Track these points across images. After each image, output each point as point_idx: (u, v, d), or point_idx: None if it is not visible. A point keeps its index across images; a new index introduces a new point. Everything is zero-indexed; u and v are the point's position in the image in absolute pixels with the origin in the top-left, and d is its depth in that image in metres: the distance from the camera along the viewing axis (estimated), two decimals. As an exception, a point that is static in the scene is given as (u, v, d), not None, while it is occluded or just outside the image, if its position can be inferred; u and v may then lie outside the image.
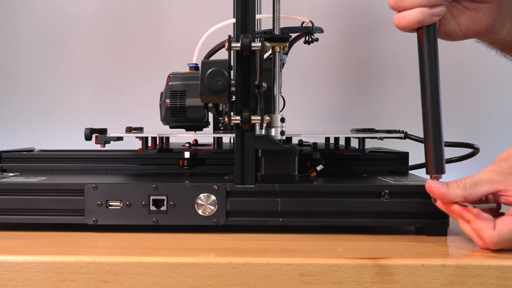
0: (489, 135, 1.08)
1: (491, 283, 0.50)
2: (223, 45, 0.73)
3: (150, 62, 1.10)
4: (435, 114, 0.57)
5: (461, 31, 0.61)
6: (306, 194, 0.61)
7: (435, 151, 0.57)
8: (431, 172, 0.57)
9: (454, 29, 0.61)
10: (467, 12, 0.60)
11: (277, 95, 0.65)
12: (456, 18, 0.60)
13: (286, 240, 0.59)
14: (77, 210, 0.61)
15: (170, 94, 0.69)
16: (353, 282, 0.51)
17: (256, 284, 0.51)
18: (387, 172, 0.73)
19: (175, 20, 1.10)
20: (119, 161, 0.76)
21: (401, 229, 0.64)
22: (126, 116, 1.09)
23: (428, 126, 0.57)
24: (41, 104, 1.10)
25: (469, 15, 0.60)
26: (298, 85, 1.08)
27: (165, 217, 0.61)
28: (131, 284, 0.51)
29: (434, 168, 0.57)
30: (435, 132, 0.57)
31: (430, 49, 0.57)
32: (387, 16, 0.65)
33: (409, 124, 0.78)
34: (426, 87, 0.57)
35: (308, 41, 0.75)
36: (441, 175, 0.57)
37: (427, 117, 0.57)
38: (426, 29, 0.57)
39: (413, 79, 1.04)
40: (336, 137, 0.85)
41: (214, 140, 0.78)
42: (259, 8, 0.83)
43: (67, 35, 1.10)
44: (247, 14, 0.60)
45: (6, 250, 0.55)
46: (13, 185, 0.62)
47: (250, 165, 0.61)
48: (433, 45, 0.57)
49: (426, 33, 0.57)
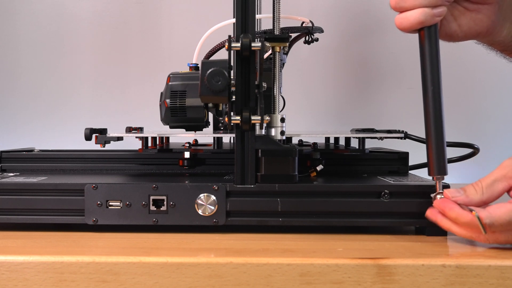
0: (489, 135, 1.08)
1: (491, 283, 0.50)
2: (223, 45, 0.73)
3: (150, 62, 1.10)
4: (437, 115, 0.56)
5: (461, 31, 0.61)
6: (306, 194, 0.61)
7: (437, 152, 0.57)
8: (433, 173, 0.57)
9: (455, 30, 0.61)
10: (467, 13, 0.60)
11: (277, 95, 0.65)
12: (457, 19, 0.60)
13: (286, 240, 0.59)
14: (77, 210, 0.61)
15: (170, 94, 0.69)
16: (353, 282, 0.51)
17: (256, 284, 0.51)
18: (387, 172, 0.73)
19: (175, 20, 1.10)
20: (119, 161, 0.76)
21: (401, 229, 0.64)
22: (126, 116, 1.09)
23: (430, 127, 0.57)
24: (41, 104, 1.10)
25: (469, 16, 0.60)
26: (298, 85, 1.08)
27: (165, 217, 0.61)
28: (131, 284, 0.51)
29: (436, 169, 0.57)
30: (437, 133, 0.57)
31: (431, 50, 0.57)
32: (387, 16, 0.65)
33: (409, 124, 0.78)
34: (428, 87, 0.57)
35: (308, 41, 0.75)
36: (443, 176, 0.57)
37: (429, 118, 0.57)
38: (428, 29, 0.57)
39: (413, 79, 1.04)
40: (336, 137, 0.85)
41: (214, 140, 0.78)
42: (259, 8, 0.83)
43: (67, 35, 1.10)
44: (247, 14, 0.60)
45: (6, 250, 0.55)
46: (13, 185, 0.62)
47: (250, 165, 0.61)
48: (434, 45, 0.57)
49: (427, 34, 0.57)
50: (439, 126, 0.56)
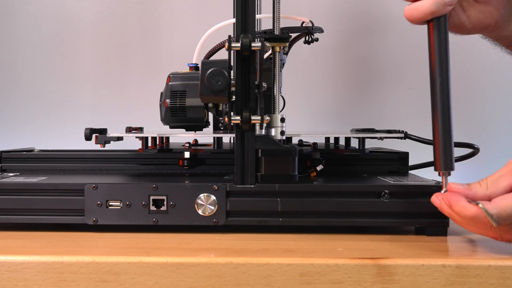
0: (489, 135, 1.08)
1: (491, 283, 0.50)
2: (223, 45, 0.73)
3: (150, 62, 1.10)
4: (444, 108, 0.55)
5: (470, 23, 0.60)
6: (306, 194, 0.61)
7: (444, 147, 0.55)
8: (439, 168, 0.55)
9: (464, 21, 0.60)
10: (476, 5, 0.60)
11: (277, 95, 0.65)
12: (465, 10, 0.60)
13: (286, 240, 0.59)
14: (77, 210, 0.61)
15: (170, 94, 0.69)
16: (353, 282, 0.51)
17: (256, 284, 0.51)
18: (387, 172, 0.73)
19: (175, 20, 1.10)
20: (119, 161, 0.76)
21: (401, 229, 0.64)
22: (126, 116, 1.09)
23: (437, 120, 0.55)
24: (41, 104, 1.10)
25: (478, 8, 0.60)
26: (298, 85, 1.08)
27: (165, 217, 0.61)
28: (131, 284, 0.51)
29: (443, 164, 0.55)
30: (445, 127, 0.55)
31: (440, 41, 0.55)
32: (387, 16, 0.65)
33: (409, 124, 0.78)
34: (435, 80, 0.55)
35: (308, 41, 0.75)
36: (450, 172, 0.55)
37: (436, 111, 0.55)
38: (437, 20, 0.55)
39: (413, 79, 1.04)
40: (336, 137, 0.85)
41: (214, 140, 0.78)
42: (259, 8, 0.83)
43: (67, 35, 1.10)
44: (247, 14, 0.60)
45: (6, 250, 0.55)
46: (13, 185, 0.62)
47: (250, 165, 0.61)
48: (443, 37, 0.56)
49: (437, 25, 0.56)
50: (446, 119, 0.55)
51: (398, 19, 0.98)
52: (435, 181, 0.62)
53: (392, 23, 0.56)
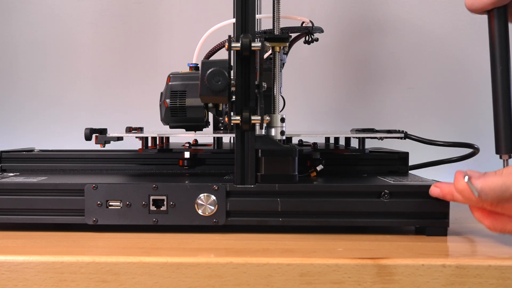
0: (489, 135, 1.08)
1: (491, 283, 0.50)
2: (223, 45, 0.73)
3: (150, 62, 1.10)
4: (505, 94, 0.57)
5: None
6: (306, 194, 0.61)
7: (506, 130, 0.57)
8: (501, 151, 0.58)
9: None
10: None
11: (277, 95, 0.65)
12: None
13: (286, 240, 0.59)
14: (77, 210, 0.61)
15: (170, 94, 0.69)
16: (353, 282, 0.51)
17: (256, 284, 0.51)
18: (387, 172, 0.73)
19: (175, 20, 1.10)
20: (119, 161, 0.76)
21: (401, 229, 0.64)
22: (126, 116, 1.09)
23: (498, 106, 0.58)
24: (41, 104, 1.10)
25: None
26: (298, 85, 1.08)
27: (165, 217, 0.61)
28: (131, 284, 0.51)
29: (504, 147, 0.58)
30: (505, 112, 0.57)
31: (500, 31, 0.57)
32: (387, 16, 0.65)
33: (409, 124, 0.78)
34: (496, 67, 0.58)
35: (308, 41, 0.75)
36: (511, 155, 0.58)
37: (498, 97, 0.58)
38: (497, 10, 0.57)
39: (413, 79, 1.04)
40: (336, 137, 0.85)
41: (214, 140, 0.78)
42: (259, 8, 0.83)
43: (67, 35, 1.10)
44: (247, 14, 0.60)
45: (6, 250, 0.55)
46: (13, 185, 0.62)
47: (250, 165, 0.61)
48: (503, 26, 0.57)
49: (497, 14, 0.57)
50: (507, 105, 0.57)
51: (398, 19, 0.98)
52: (435, 181, 0.62)
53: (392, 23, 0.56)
